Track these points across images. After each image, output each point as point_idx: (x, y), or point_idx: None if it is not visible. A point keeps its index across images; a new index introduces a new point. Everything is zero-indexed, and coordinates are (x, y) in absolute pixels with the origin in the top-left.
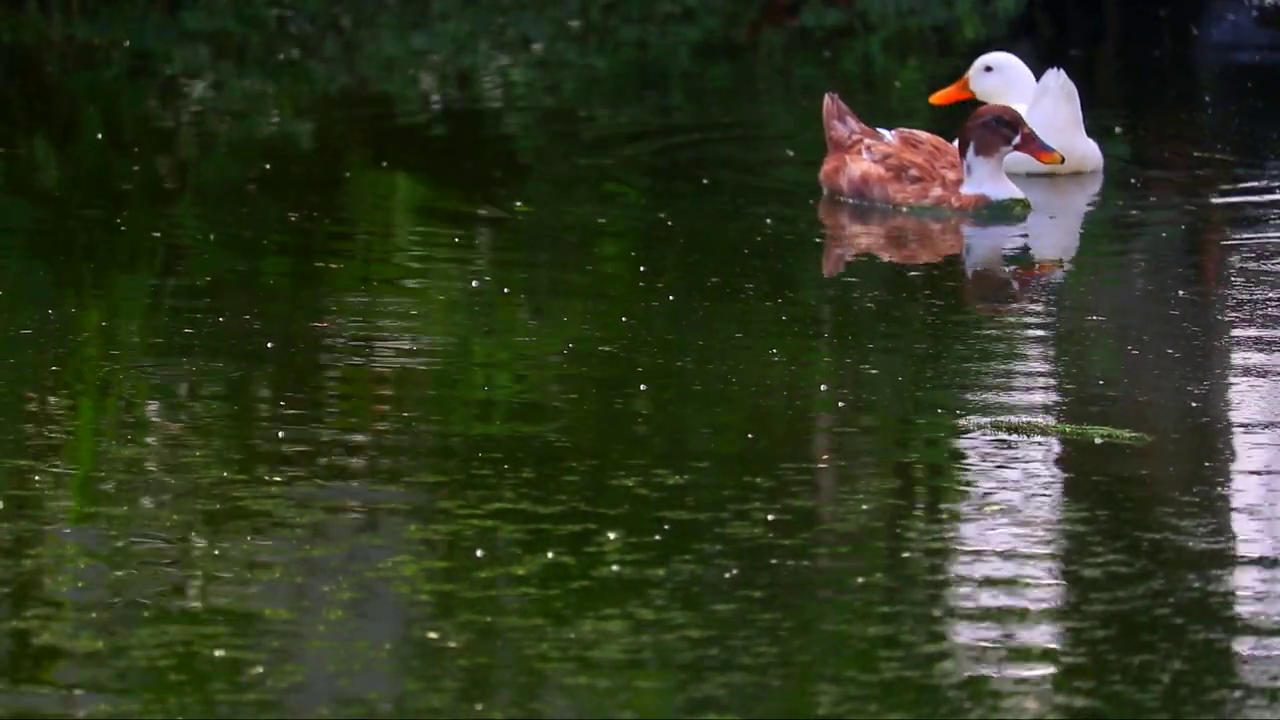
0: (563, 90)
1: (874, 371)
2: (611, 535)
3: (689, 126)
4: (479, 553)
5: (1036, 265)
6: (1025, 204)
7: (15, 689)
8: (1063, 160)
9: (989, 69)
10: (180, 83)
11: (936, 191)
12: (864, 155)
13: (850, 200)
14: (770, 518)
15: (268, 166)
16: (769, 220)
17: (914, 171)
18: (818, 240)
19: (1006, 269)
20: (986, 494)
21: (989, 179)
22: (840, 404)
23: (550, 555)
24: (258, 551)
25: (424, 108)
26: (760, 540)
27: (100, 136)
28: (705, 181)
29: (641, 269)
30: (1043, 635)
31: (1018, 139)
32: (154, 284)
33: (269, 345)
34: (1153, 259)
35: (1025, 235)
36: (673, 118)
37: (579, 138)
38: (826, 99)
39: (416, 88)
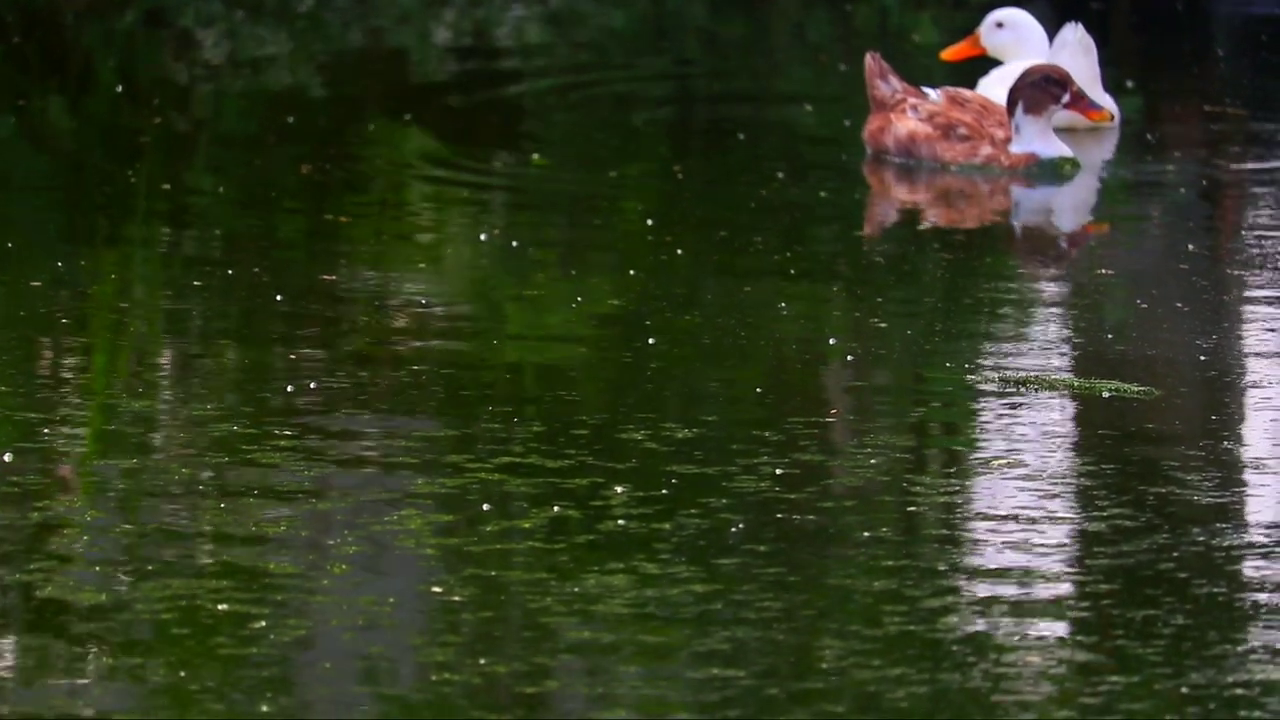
0: (578, 44)
1: (884, 325)
2: (619, 489)
3: (705, 80)
4: (486, 506)
5: (1078, 226)
6: (1075, 162)
7: (19, 640)
8: (1112, 118)
9: (1000, 25)
10: (194, 35)
11: (986, 150)
12: (909, 114)
13: (896, 159)
14: (778, 472)
15: (281, 120)
16: (781, 175)
17: (962, 130)
18: (834, 196)
19: (1029, 227)
20: (994, 448)
21: (1038, 137)
22: (849, 358)
23: (557, 509)
24: (265, 506)
25: (439, 61)
26: (767, 494)
27: (114, 89)
28: (722, 136)
29: (652, 223)
30: (1047, 590)
31: (1067, 97)
32: (165, 236)
33: (278, 298)
34: (1167, 215)
35: (1041, 191)
36: (689, 71)
37: (594, 92)
38: (868, 58)
39: (431, 41)
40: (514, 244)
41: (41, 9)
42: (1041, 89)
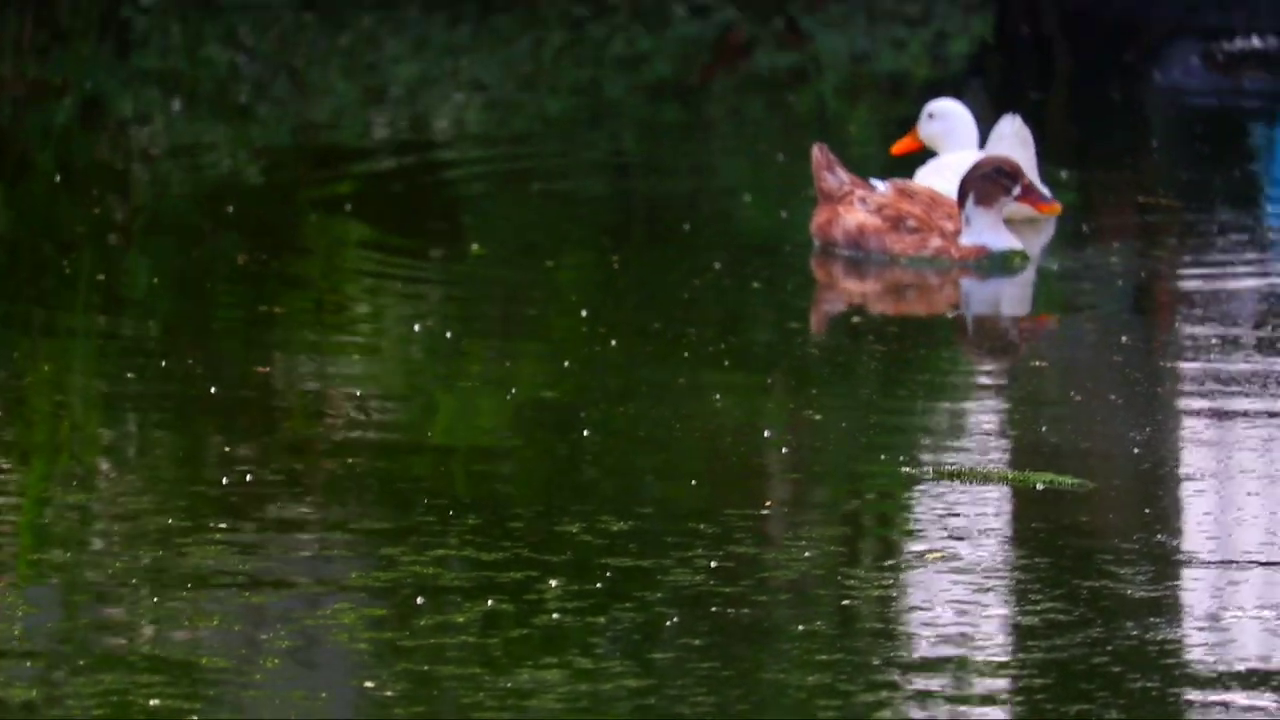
0: (515, 133)
1: (819, 417)
2: (553, 582)
3: (643, 169)
4: (420, 600)
5: (1013, 318)
6: (1024, 255)
7: None
8: (1062, 211)
9: (931, 116)
10: (132, 124)
11: (936, 242)
12: (858, 206)
13: (845, 251)
14: (713, 565)
15: (219, 209)
16: (718, 265)
17: (912, 222)
18: (771, 287)
19: (966, 319)
20: (928, 541)
21: (989, 230)
22: (785, 450)
23: (491, 603)
24: (199, 599)
25: (376, 150)
26: (702, 588)
27: (50, 178)
28: (659, 226)
29: (586, 314)
30: (982, 684)
31: (1018, 189)
32: (101, 326)
33: (213, 389)
34: (1101, 306)
35: (981, 283)
36: (627, 161)
37: (531, 181)
38: (815, 150)
39: (369, 130)
40: (448, 335)
41: None
42: (993, 181)
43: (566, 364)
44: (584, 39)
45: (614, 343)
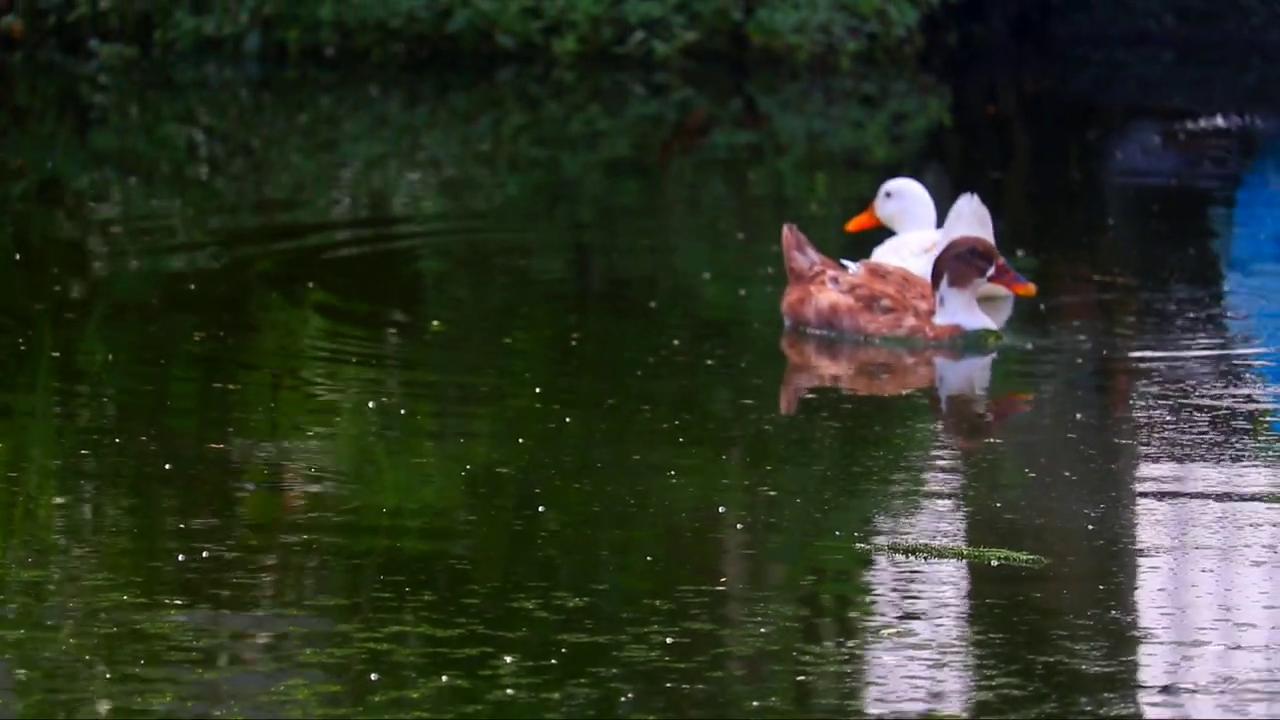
0: (474, 210)
1: (773, 493)
2: (508, 659)
3: (602, 248)
4: (374, 676)
5: (971, 396)
6: (998, 334)
7: None
8: (1036, 292)
9: (889, 195)
10: (90, 202)
11: (910, 321)
12: (830, 286)
13: (816, 330)
14: (668, 641)
15: (176, 287)
16: (676, 342)
17: (886, 302)
18: (733, 365)
19: (923, 395)
20: (883, 617)
21: (963, 309)
22: (739, 526)
23: (445, 679)
24: (153, 676)
25: (334, 227)
26: (657, 663)
27: (8, 255)
28: (618, 303)
29: (542, 390)
30: None
31: (991, 270)
32: (56, 404)
33: (168, 467)
34: (1056, 384)
35: (931, 363)
36: (585, 240)
37: (490, 258)
38: (785, 230)
39: (328, 207)
40: (403, 411)
41: None
42: (967, 262)
43: (522, 440)
44: (542, 118)
45: (569, 419)
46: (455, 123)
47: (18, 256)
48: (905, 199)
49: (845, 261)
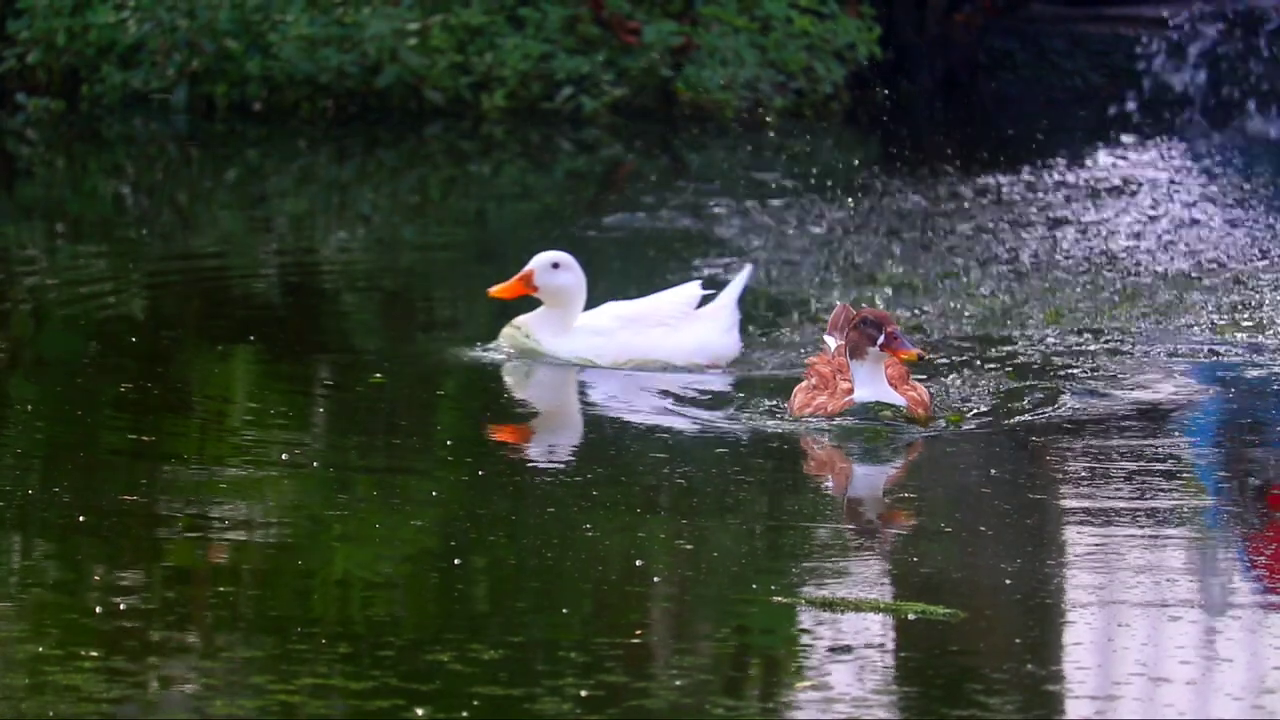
0: (401, 265)
1: (690, 547)
2: (420, 711)
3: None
4: None
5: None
6: (894, 408)
7: None
8: (921, 359)
9: (557, 265)
10: (13, 256)
11: (820, 399)
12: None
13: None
14: (583, 694)
15: (103, 339)
16: (590, 394)
17: (814, 380)
18: (649, 418)
19: (833, 454)
20: (799, 669)
21: (867, 381)
22: (656, 579)
23: None
24: None
25: (262, 282)
26: (570, 717)
27: None
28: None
29: (451, 443)
30: None
31: (882, 338)
32: None
33: (87, 518)
34: (971, 443)
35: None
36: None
37: (417, 312)
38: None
39: (254, 263)
40: (331, 469)
41: None
42: (860, 331)
43: (436, 493)
44: (470, 174)
45: (481, 472)
46: (384, 178)
47: None
48: (575, 272)
49: (827, 339)
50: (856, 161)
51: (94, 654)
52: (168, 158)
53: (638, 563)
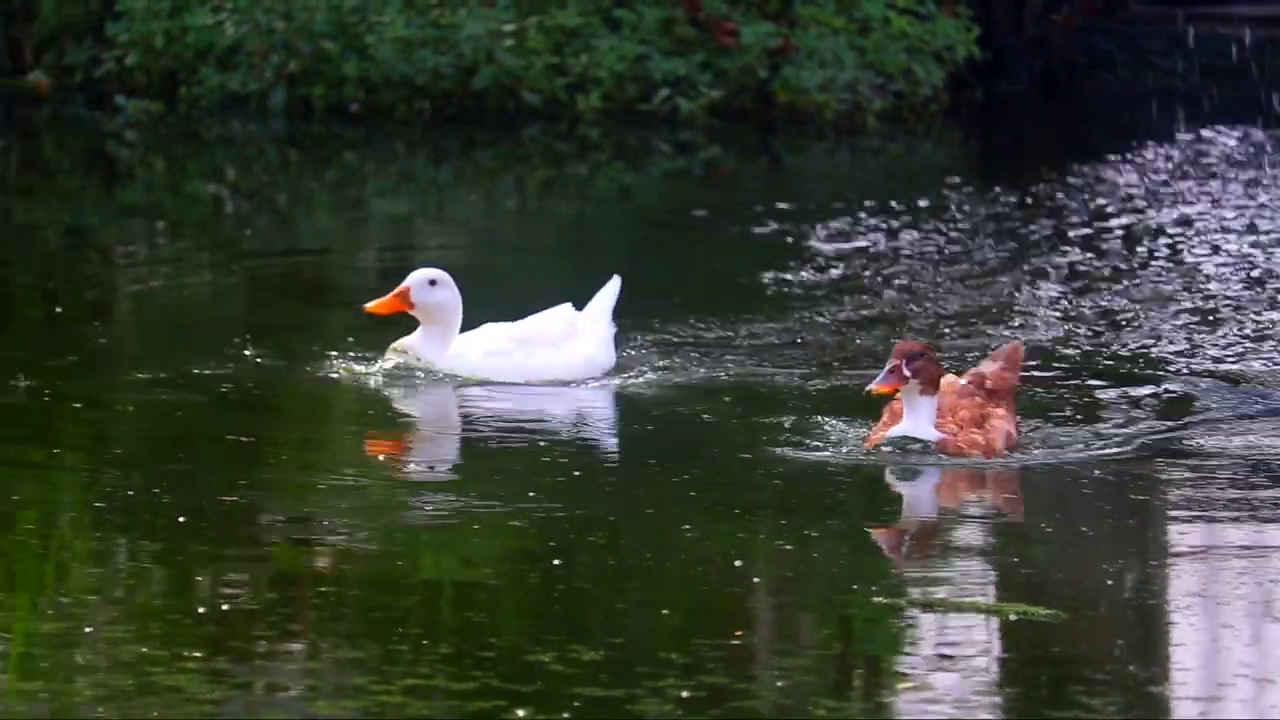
0: (499, 265)
1: (789, 548)
2: (521, 712)
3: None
4: None
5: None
6: (923, 443)
7: None
8: (870, 394)
9: (434, 283)
10: (115, 257)
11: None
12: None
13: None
14: (683, 695)
15: (203, 341)
16: (685, 395)
17: (885, 416)
18: (740, 418)
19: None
20: (899, 670)
21: (908, 414)
22: (755, 579)
23: None
24: None
25: (360, 283)
26: (670, 718)
27: (35, 311)
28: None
29: (545, 444)
30: None
31: (906, 370)
32: (76, 456)
33: (181, 520)
34: (1074, 446)
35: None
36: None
37: (510, 308)
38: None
39: (352, 264)
40: (431, 469)
41: None
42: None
43: (533, 494)
44: (567, 175)
45: (578, 474)
46: (481, 179)
47: (42, 312)
48: (451, 289)
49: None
50: (957, 164)
51: (197, 655)
52: (266, 159)
53: (737, 563)
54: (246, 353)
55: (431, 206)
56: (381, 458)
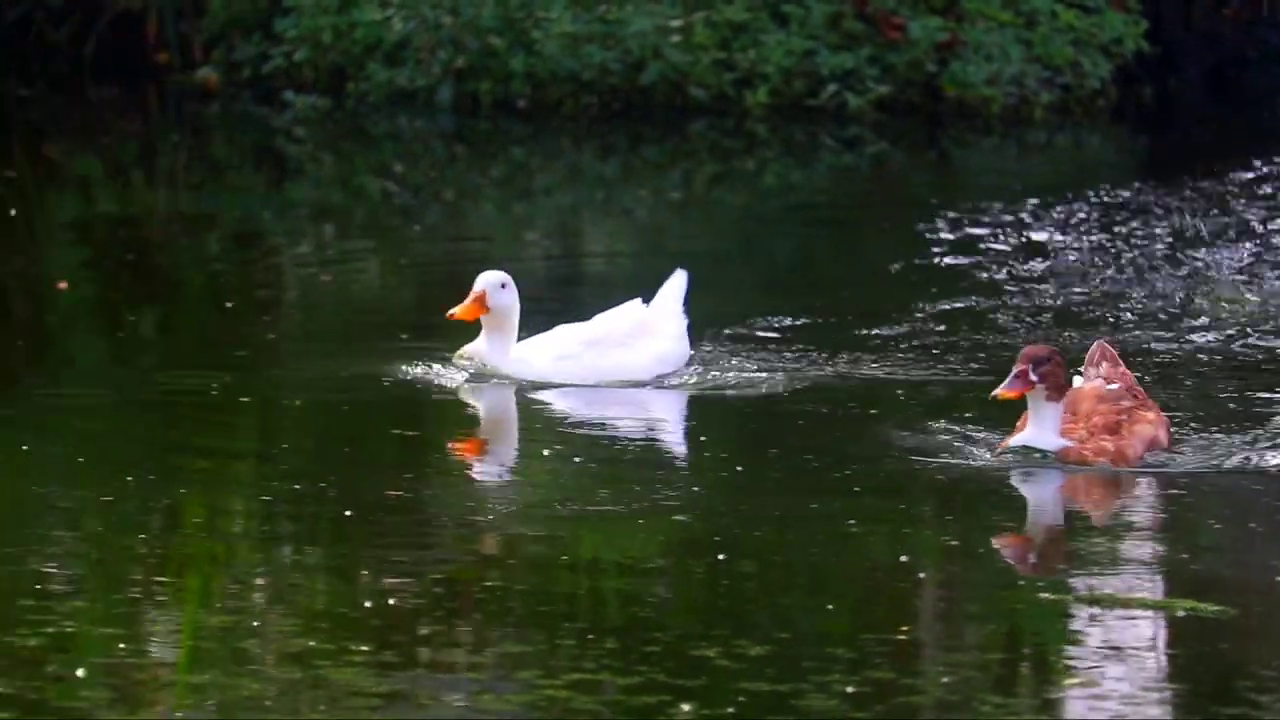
0: (666, 258)
1: (955, 543)
2: (686, 706)
3: (797, 289)
4: None
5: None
6: (1040, 452)
7: None
8: (995, 399)
9: (504, 286)
10: (284, 252)
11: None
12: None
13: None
14: (849, 690)
15: (369, 336)
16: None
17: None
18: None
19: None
20: (1065, 665)
21: (1032, 422)
22: (921, 575)
23: None
24: (330, 718)
25: (528, 277)
26: (836, 713)
27: (204, 304)
28: (787, 353)
29: (706, 439)
30: None
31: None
32: (241, 451)
33: (348, 513)
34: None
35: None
36: (779, 287)
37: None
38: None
39: (520, 258)
40: (594, 464)
41: (135, 227)
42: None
43: (698, 489)
44: (733, 171)
45: (739, 469)
46: (648, 175)
47: (212, 305)
48: (515, 291)
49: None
50: (1125, 158)
51: (364, 649)
52: (433, 155)
53: (903, 559)
54: (412, 348)
55: (598, 202)
56: (546, 452)
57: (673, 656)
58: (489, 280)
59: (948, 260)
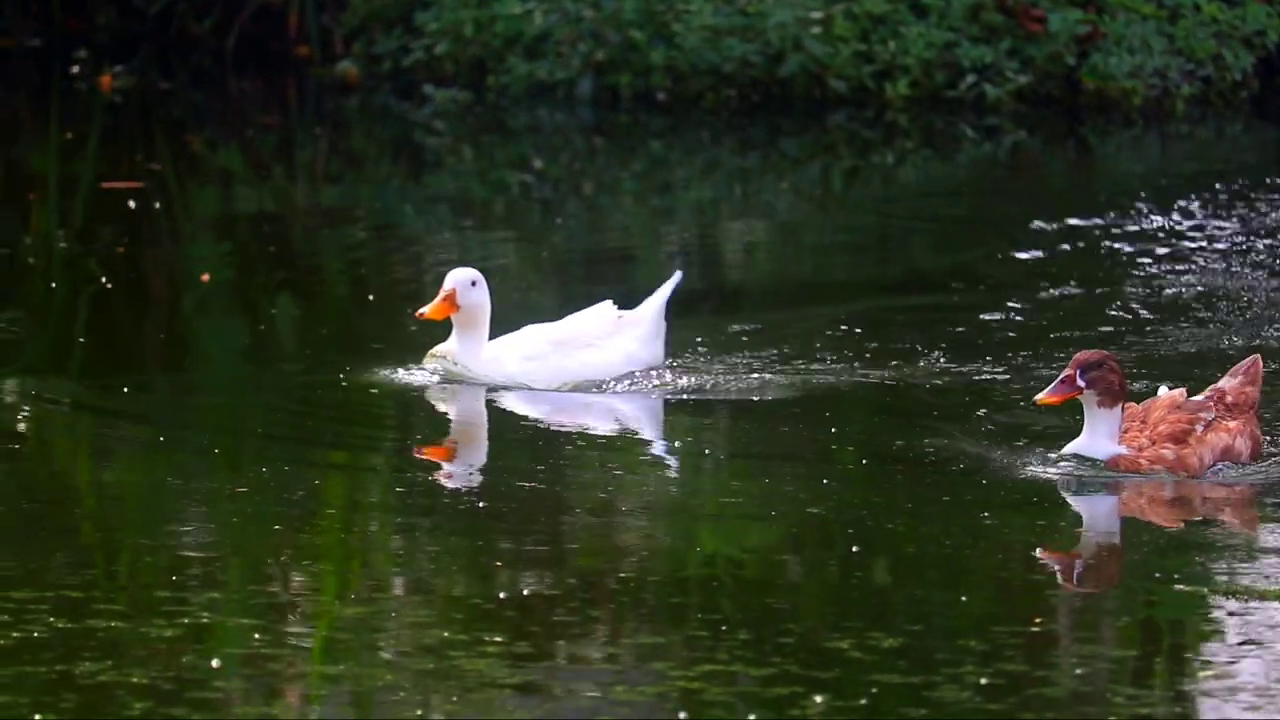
0: (803, 253)
1: (1088, 535)
2: (818, 699)
3: (931, 284)
4: (682, 715)
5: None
6: (1089, 460)
7: None
8: (1038, 404)
9: (474, 284)
10: (424, 244)
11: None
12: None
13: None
14: (982, 682)
15: (504, 327)
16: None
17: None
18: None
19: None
20: (1202, 659)
21: (1087, 430)
22: (1055, 568)
23: (753, 718)
24: (464, 710)
25: (664, 272)
26: (968, 705)
27: (343, 295)
28: (917, 345)
29: (835, 431)
30: None
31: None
32: (374, 442)
33: (482, 505)
34: None
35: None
36: (912, 279)
37: (815, 297)
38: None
39: (657, 252)
40: (723, 457)
41: (275, 220)
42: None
43: (827, 481)
44: (872, 164)
45: (865, 461)
46: (787, 168)
47: (351, 296)
48: (485, 289)
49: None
50: (1268, 152)
51: (497, 640)
52: (573, 148)
53: (1036, 551)
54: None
55: (737, 195)
56: (678, 444)
57: (805, 648)
58: (459, 278)
59: (1086, 251)
